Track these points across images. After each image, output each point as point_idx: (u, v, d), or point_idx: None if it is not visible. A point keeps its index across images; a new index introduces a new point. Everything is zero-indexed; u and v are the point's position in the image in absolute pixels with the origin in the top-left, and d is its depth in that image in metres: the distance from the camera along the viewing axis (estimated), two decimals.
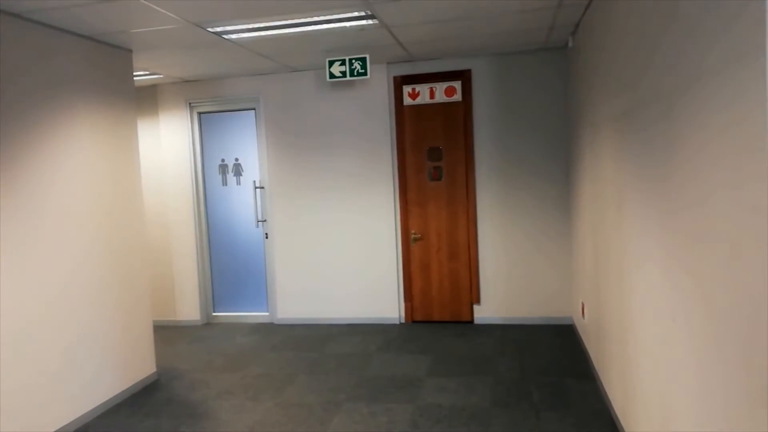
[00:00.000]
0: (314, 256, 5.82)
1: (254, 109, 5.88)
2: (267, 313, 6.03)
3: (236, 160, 5.99)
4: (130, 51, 4.39)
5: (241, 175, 5.99)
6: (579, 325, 4.92)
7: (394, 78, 5.53)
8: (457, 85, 5.42)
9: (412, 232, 5.63)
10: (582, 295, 4.65)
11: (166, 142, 6.00)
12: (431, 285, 5.64)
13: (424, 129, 5.53)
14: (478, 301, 5.55)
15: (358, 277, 5.75)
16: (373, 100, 5.57)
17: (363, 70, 4.73)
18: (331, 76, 4.80)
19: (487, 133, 5.42)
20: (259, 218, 5.95)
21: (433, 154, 5.54)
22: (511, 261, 5.48)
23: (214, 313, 6.15)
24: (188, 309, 6.10)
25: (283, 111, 5.76)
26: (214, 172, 6.05)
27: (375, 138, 5.59)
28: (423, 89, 5.49)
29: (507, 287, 5.50)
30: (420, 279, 5.65)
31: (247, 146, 5.95)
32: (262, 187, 5.91)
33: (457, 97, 5.44)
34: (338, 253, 5.78)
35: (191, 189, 5.99)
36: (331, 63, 4.78)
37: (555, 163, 5.32)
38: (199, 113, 6.00)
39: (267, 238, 5.93)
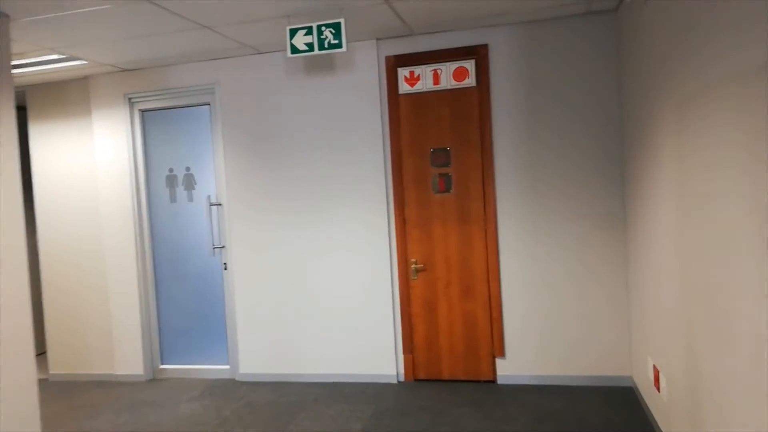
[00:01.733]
0: (286, 294, 4.47)
1: (209, 104, 4.59)
2: (227, 367, 4.68)
3: (187, 169, 4.69)
4: (6, 16, 3.13)
5: (193, 188, 4.69)
6: (647, 395, 3.48)
7: (387, 59, 4.21)
8: (469, 65, 4.08)
9: (413, 261, 4.25)
10: (654, 355, 3.22)
11: (101, 148, 4.73)
12: (439, 331, 4.24)
13: (426, 124, 4.18)
14: (501, 354, 4.14)
15: (343, 321, 4.38)
16: (359, 88, 4.25)
17: (337, 41, 3.41)
18: (294, 50, 3.48)
19: (511, 129, 4.05)
20: (216, 244, 4.62)
21: (439, 158, 4.18)
22: (546, 299, 4.07)
23: (162, 366, 4.81)
24: (129, 360, 4.78)
25: (245, 105, 4.46)
26: (160, 185, 4.76)
27: (362, 138, 4.26)
28: (425, 72, 4.15)
29: (541, 335, 4.08)
30: (424, 324, 4.26)
31: (201, 152, 4.65)
32: (220, 204, 4.59)
33: (470, 81, 4.08)
34: (316, 290, 4.42)
35: (132, 207, 4.69)
36: (293, 32, 3.47)
37: (606, 167, 3.93)
38: (142, 111, 4.72)
39: (226, 269, 4.60)
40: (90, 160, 4.79)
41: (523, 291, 4.09)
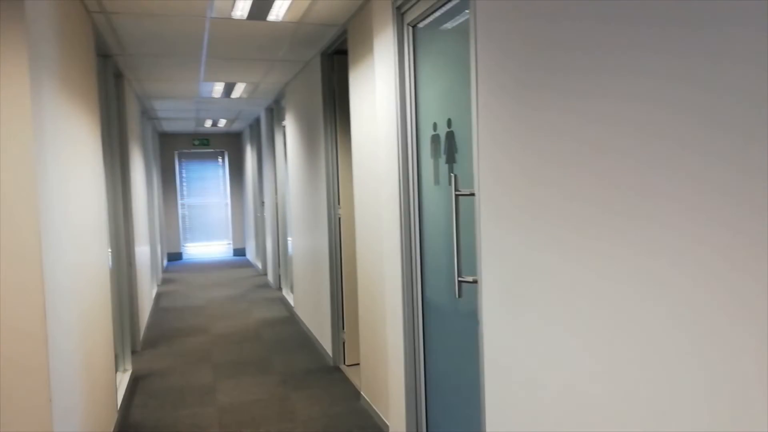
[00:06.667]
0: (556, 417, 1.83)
1: None
2: None
3: (448, 125, 2.56)
4: None
5: (454, 160, 2.54)
6: None
7: None
8: None
9: None
10: None
11: (379, 94, 3.18)
12: None
13: None
14: None
15: None
16: None
17: None
18: None
19: None
20: (462, 275, 2.37)
21: None
22: None
23: None
24: (397, 410, 3.23)
25: None
26: (425, 154, 2.82)
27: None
28: None
29: None
30: None
31: (464, 92, 2.41)
32: (471, 194, 2.29)
33: None
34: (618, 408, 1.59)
35: (397, 192, 3.00)
36: None
37: None
38: (411, 26, 2.85)
39: (478, 324, 2.30)
40: (372, 112, 3.35)
41: None
